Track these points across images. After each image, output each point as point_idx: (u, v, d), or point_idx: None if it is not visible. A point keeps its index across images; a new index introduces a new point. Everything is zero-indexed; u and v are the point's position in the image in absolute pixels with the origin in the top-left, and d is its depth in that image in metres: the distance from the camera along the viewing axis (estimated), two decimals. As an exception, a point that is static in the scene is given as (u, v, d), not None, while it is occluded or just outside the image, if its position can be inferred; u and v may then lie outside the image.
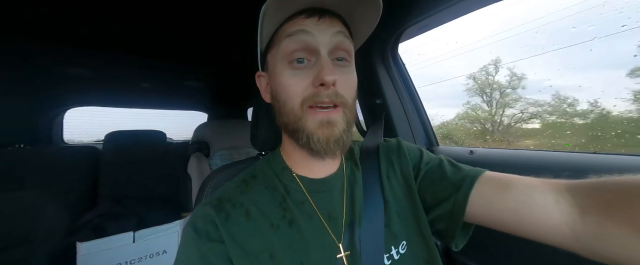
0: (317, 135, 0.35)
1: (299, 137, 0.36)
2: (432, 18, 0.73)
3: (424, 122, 0.95)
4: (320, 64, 0.34)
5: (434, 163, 0.43)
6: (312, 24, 0.35)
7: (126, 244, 1.00)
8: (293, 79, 0.36)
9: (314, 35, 0.35)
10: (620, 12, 0.64)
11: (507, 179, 0.35)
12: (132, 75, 1.42)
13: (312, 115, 0.35)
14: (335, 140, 0.35)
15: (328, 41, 0.35)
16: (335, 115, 0.36)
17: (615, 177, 0.28)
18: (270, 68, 0.40)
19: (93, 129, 1.69)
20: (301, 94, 0.35)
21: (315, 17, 0.35)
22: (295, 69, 0.36)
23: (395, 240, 0.38)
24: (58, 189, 1.18)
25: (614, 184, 0.27)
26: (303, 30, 0.35)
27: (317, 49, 0.35)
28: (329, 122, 0.35)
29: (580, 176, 0.31)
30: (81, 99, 1.58)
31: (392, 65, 0.91)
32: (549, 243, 0.31)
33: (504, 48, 1.06)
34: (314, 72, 0.35)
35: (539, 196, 0.31)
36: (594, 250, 0.27)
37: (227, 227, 0.35)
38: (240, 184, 0.42)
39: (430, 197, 0.40)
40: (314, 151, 0.36)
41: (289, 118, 0.37)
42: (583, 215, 0.28)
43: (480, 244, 0.64)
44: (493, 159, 0.72)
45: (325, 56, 0.35)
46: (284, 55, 0.36)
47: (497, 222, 0.34)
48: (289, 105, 0.36)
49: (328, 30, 0.35)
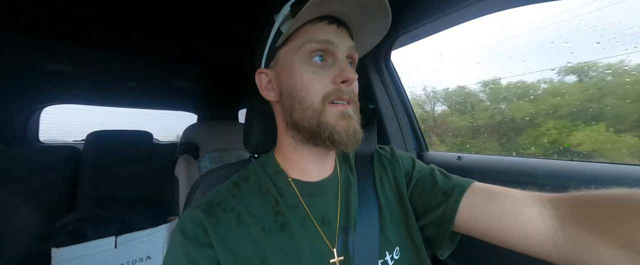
0: (339, 126, 0.37)
1: (320, 132, 0.37)
2: (424, 28, 0.76)
3: (414, 127, 0.97)
4: (339, 64, 0.38)
5: (426, 171, 0.44)
6: (333, 31, 0.38)
7: (107, 249, 0.96)
8: (314, 75, 0.38)
9: (336, 43, 0.38)
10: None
11: (494, 189, 0.37)
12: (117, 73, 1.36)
13: (333, 109, 0.37)
14: (354, 131, 0.37)
15: (345, 47, 0.39)
16: (350, 108, 0.39)
17: (592, 191, 0.30)
18: (284, 64, 0.40)
19: (87, 129, 1.58)
20: (322, 89, 0.37)
21: (334, 25, 0.39)
22: (315, 66, 0.38)
23: (390, 246, 0.38)
24: (31, 191, 1.11)
25: (592, 197, 0.30)
26: (328, 36, 0.38)
27: (335, 52, 0.38)
28: (348, 114, 0.38)
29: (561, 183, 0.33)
30: (60, 96, 1.50)
31: (384, 72, 0.93)
32: (532, 253, 0.32)
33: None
34: (333, 71, 0.38)
35: (524, 207, 0.33)
36: (573, 261, 0.29)
37: (216, 232, 0.35)
38: (232, 187, 0.41)
39: (421, 204, 0.41)
40: (337, 143, 0.37)
41: (305, 114, 0.38)
42: (562, 225, 0.30)
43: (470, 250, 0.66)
44: (479, 164, 0.74)
45: (343, 59, 0.39)
46: (304, 53, 0.38)
47: (484, 231, 0.35)
48: (309, 100, 0.37)
49: (345, 39, 0.40)
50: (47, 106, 1.53)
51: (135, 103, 1.81)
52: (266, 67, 0.44)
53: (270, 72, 0.43)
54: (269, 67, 0.43)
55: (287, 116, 0.40)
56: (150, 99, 1.82)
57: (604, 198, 0.28)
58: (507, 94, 1.09)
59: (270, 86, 0.43)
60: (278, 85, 0.41)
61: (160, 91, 1.72)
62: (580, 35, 0.74)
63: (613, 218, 0.27)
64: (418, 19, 0.73)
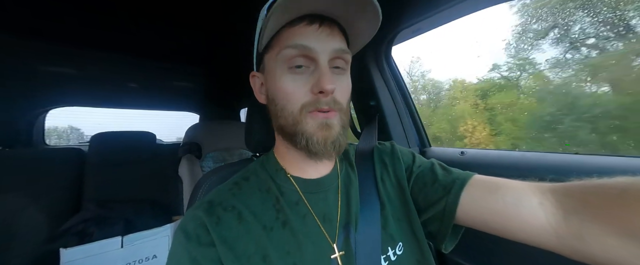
0: (316, 136, 0.36)
1: (297, 140, 0.37)
2: (424, 22, 0.75)
3: (416, 123, 0.96)
4: (319, 72, 0.35)
5: (426, 166, 0.44)
6: (312, 32, 0.36)
7: (114, 249, 0.97)
8: (293, 83, 0.36)
9: (314, 45, 0.36)
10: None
11: (495, 181, 0.37)
12: (120, 74, 1.37)
13: (312, 118, 0.36)
14: (332, 141, 0.36)
15: (327, 50, 0.36)
16: (333, 118, 0.37)
17: (595, 180, 0.29)
18: (268, 70, 0.40)
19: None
20: (301, 99, 0.36)
21: (315, 24, 0.36)
22: (295, 74, 0.37)
23: (392, 241, 0.38)
24: (38, 193, 1.12)
25: (594, 186, 0.29)
26: (305, 39, 0.36)
27: (316, 58, 0.36)
28: (327, 124, 0.36)
29: (564, 177, 0.33)
30: (64, 99, 1.52)
31: (385, 68, 0.92)
32: (534, 244, 0.32)
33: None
34: (313, 79, 0.36)
35: (525, 198, 0.33)
36: (576, 250, 0.29)
37: (218, 231, 0.35)
38: (233, 186, 0.41)
39: (422, 199, 0.41)
40: (313, 153, 0.36)
41: (287, 121, 0.37)
42: (566, 216, 0.30)
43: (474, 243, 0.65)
44: (483, 160, 0.74)
45: (324, 65, 0.36)
46: (283, 60, 0.37)
47: (486, 224, 0.35)
48: (289, 109, 0.37)
49: (328, 39, 0.36)
50: (52, 109, 1.55)
51: (138, 104, 1.83)
52: (257, 70, 0.44)
53: (261, 75, 0.43)
54: (260, 70, 0.43)
55: (274, 121, 0.41)
56: (153, 100, 1.83)
57: (607, 187, 0.28)
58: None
59: (262, 89, 0.43)
60: (266, 90, 0.42)
61: (163, 92, 1.73)
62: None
63: (617, 207, 0.26)
64: (418, 14, 0.72)
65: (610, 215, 0.26)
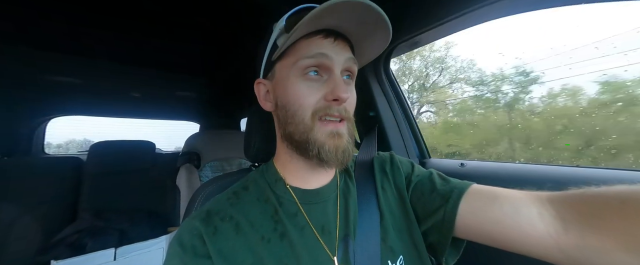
0: (327, 145, 0.37)
1: (308, 148, 0.37)
2: (422, 36, 0.77)
3: (415, 134, 0.96)
4: (334, 81, 0.37)
5: (425, 175, 0.44)
6: (329, 44, 0.38)
7: (106, 261, 0.94)
8: (307, 89, 0.38)
9: (331, 57, 0.37)
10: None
11: (493, 191, 0.36)
12: (122, 84, 1.39)
13: (322, 127, 0.37)
14: (343, 150, 0.37)
15: (341, 61, 0.38)
16: (342, 127, 0.38)
17: (594, 189, 0.29)
18: (279, 77, 0.41)
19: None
20: (313, 105, 0.37)
21: (331, 38, 0.38)
22: (309, 81, 0.38)
23: (393, 254, 0.37)
24: (34, 202, 1.10)
25: (594, 196, 0.29)
26: (322, 52, 0.37)
27: (331, 67, 0.38)
28: (337, 133, 0.37)
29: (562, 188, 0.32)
30: (65, 108, 1.53)
31: (384, 80, 0.94)
32: (534, 255, 0.31)
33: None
34: (326, 87, 0.37)
35: (524, 208, 0.32)
36: (578, 262, 0.28)
37: (214, 242, 0.34)
38: (231, 196, 0.41)
39: (420, 208, 0.41)
40: (324, 161, 0.37)
41: (297, 128, 0.38)
42: (565, 226, 0.29)
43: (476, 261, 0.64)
44: (483, 171, 0.73)
45: (338, 74, 0.38)
46: (299, 68, 0.38)
47: (485, 234, 0.35)
48: (300, 115, 0.37)
49: (342, 52, 0.39)
50: (53, 118, 1.56)
51: (139, 113, 1.84)
52: (264, 78, 0.44)
53: (268, 82, 0.43)
54: (267, 78, 0.44)
55: (282, 127, 0.41)
56: (154, 109, 1.85)
57: (607, 196, 0.27)
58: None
59: (268, 96, 0.44)
60: (274, 97, 0.42)
61: (164, 101, 1.75)
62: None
63: (618, 219, 0.26)
64: (416, 27, 0.74)
65: (611, 227, 0.26)
